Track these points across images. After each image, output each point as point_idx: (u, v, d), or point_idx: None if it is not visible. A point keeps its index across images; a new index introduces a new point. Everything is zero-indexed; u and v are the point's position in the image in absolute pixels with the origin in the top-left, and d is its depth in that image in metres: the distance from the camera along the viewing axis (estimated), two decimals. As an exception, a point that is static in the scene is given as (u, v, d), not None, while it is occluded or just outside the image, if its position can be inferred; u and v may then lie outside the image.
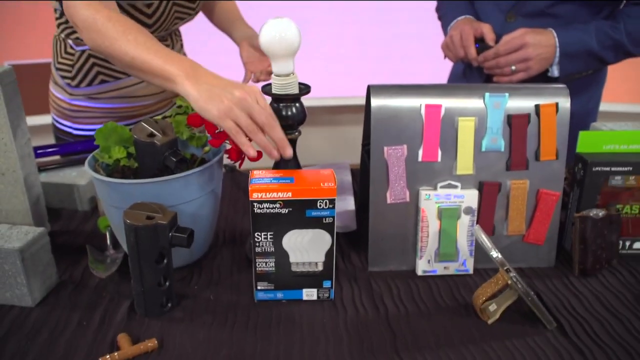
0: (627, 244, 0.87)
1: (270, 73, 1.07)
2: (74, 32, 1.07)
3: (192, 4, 1.11)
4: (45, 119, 1.39)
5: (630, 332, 0.70)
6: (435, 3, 1.40)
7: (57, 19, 1.10)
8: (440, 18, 1.38)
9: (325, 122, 2.41)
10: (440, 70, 1.48)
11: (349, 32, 2.34)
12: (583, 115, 1.22)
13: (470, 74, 1.30)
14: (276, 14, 0.73)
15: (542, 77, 1.14)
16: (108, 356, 0.63)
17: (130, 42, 0.75)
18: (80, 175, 1.01)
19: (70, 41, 1.10)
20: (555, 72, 1.12)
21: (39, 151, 1.05)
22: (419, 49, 1.44)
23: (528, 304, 0.70)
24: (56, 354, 0.65)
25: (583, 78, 1.20)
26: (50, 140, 1.21)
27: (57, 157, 1.05)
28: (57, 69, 1.14)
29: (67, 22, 1.08)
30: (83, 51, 1.09)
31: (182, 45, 1.24)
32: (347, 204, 0.98)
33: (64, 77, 1.12)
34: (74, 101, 1.12)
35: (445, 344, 0.68)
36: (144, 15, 1.02)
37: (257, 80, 1.15)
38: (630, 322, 0.72)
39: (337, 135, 2.38)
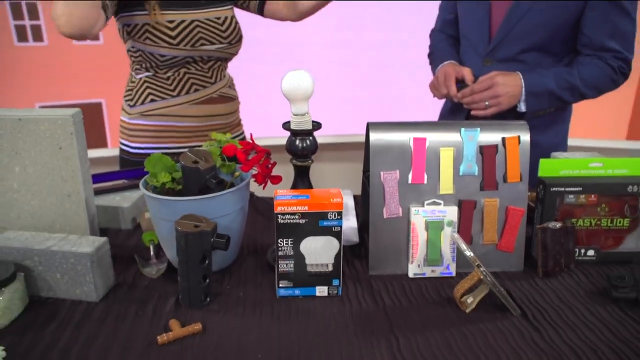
0: (582, 251, 1.05)
1: None
2: (134, 62, 1.33)
3: (221, 27, 1.34)
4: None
5: (578, 317, 0.87)
6: (426, 48, 1.62)
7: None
8: (430, 63, 1.60)
9: (332, 158, 2.63)
10: (434, 107, 1.68)
11: (355, 75, 2.57)
12: (552, 147, 1.41)
13: (456, 110, 1.50)
14: (289, 57, 0.93)
15: (513, 112, 1.34)
16: (165, 335, 0.80)
17: None
18: (124, 199, 1.19)
19: (133, 72, 1.37)
20: (522, 107, 1.32)
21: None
22: (413, 88, 1.64)
23: (496, 294, 0.87)
24: (121, 336, 0.82)
25: (549, 115, 1.40)
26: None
27: (103, 184, 1.23)
28: (124, 97, 1.41)
29: (130, 56, 1.32)
30: (140, 78, 1.36)
31: (228, 84, 1.46)
32: (350, 222, 1.15)
33: (126, 101, 1.40)
34: (132, 120, 1.37)
35: (432, 328, 0.85)
36: (168, 29, 1.26)
37: None
38: (579, 310, 0.89)
39: (341, 169, 2.59)
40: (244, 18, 1.49)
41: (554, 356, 0.78)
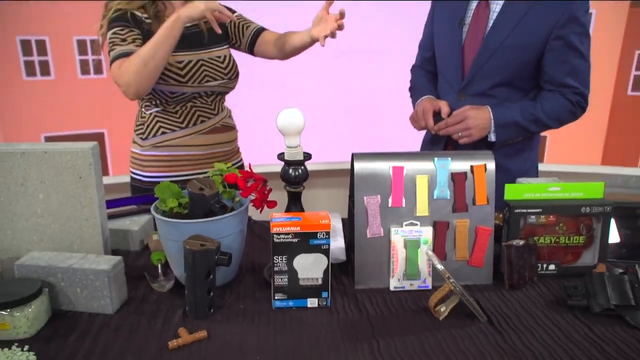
0: (544, 266, 1.18)
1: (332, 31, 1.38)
2: (144, 100, 1.49)
3: (222, 65, 1.50)
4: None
5: (537, 322, 1.00)
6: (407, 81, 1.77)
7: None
8: (411, 96, 1.75)
9: (324, 184, 2.77)
10: (419, 136, 1.81)
11: (346, 105, 2.72)
12: (522, 173, 1.53)
13: (435, 140, 1.63)
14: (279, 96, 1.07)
15: (484, 142, 1.48)
16: (175, 341, 0.92)
17: (146, 45, 1.29)
18: (133, 223, 1.31)
19: (143, 109, 1.51)
20: (492, 137, 1.47)
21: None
22: (399, 118, 1.77)
23: (466, 303, 0.99)
24: (135, 344, 0.93)
25: (517, 143, 1.54)
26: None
27: (114, 209, 1.35)
28: (135, 131, 1.55)
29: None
30: (150, 113, 1.51)
31: (228, 115, 1.62)
32: (338, 242, 1.27)
33: (138, 134, 1.53)
34: (145, 152, 1.51)
35: (409, 333, 0.97)
36: (178, 69, 1.42)
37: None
38: (538, 317, 1.01)
39: (332, 194, 2.72)
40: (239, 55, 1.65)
41: (514, 356, 0.90)
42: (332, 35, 1.37)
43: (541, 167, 2.94)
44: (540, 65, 1.48)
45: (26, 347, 0.90)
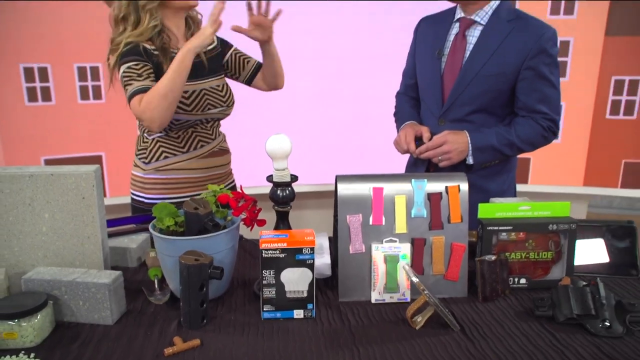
0: (516, 279, 1.26)
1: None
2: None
3: (221, 93, 1.61)
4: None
5: (505, 331, 1.08)
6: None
7: (138, 122, 1.61)
8: (395, 121, 1.85)
9: (313, 205, 2.85)
10: (402, 160, 1.90)
11: (335, 128, 2.83)
12: (500, 193, 1.63)
13: (418, 162, 1.73)
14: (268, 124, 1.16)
15: (463, 164, 1.57)
16: (170, 348, 0.99)
17: (162, 80, 1.40)
18: (131, 241, 1.39)
19: (145, 134, 1.59)
20: (470, 160, 1.56)
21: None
22: (386, 141, 1.86)
23: (440, 313, 1.07)
24: (134, 352, 1.01)
25: (495, 166, 1.63)
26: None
27: (114, 228, 1.43)
28: (137, 155, 1.63)
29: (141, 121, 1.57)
30: (153, 138, 1.59)
31: (223, 139, 1.72)
32: (324, 259, 1.35)
33: (141, 159, 1.61)
34: (147, 175, 1.59)
35: (388, 342, 1.05)
36: (184, 98, 1.52)
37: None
38: (507, 326, 1.10)
39: (320, 214, 2.80)
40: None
41: (479, 356, 0.98)
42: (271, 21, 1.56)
43: (525, 188, 3.06)
44: (514, 93, 1.58)
45: (32, 355, 0.98)
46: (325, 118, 2.84)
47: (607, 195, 4.21)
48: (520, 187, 3.03)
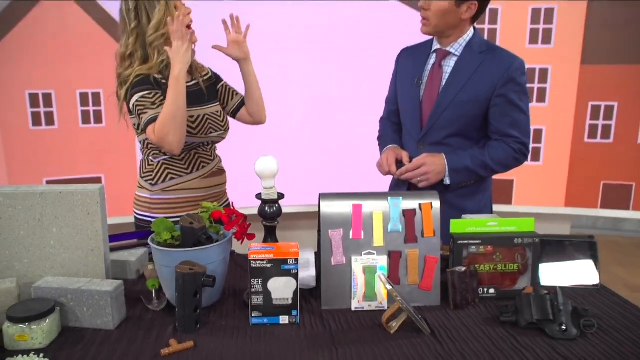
0: (485, 289, 1.37)
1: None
2: (151, 150, 1.69)
3: (220, 118, 1.75)
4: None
5: (472, 334, 1.19)
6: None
7: (142, 147, 1.73)
8: (379, 145, 1.97)
9: (305, 226, 2.97)
10: (386, 180, 2.02)
11: (326, 150, 2.96)
12: (476, 211, 1.74)
13: (400, 183, 1.85)
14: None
15: (441, 184, 1.69)
16: (166, 349, 1.10)
17: (166, 105, 1.53)
18: (130, 255, 1.50)
19: (150, 157, 1.70)
20: (447, 181, 1.68)
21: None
22: (370, 165, 1.98)
23: (412, 318, 1.18)
24: (133, 353, 1.11)
25: (471, 186, 1.75)
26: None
27: (114, 243, 1.54)
28: (143, 178, 1.73)
29: (146, 145, 1.69)
30: (158, 161, 1.70)
31: (220, 161, 1.85)
32: (310, 272, 1.46)
33: (147, 181, 1.71)
34: (154, 196, 1.70)
35: (364, 344, 1.15)
36: (190, 122, 1.64)
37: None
38: (474, 330, 1.20)
39: (306, 232, 2.92)
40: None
41: (446, 355, 1.09)
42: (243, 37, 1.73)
43: (509, 208, 3.18)
44: (487, 119, 1.71)
45: (41, 355, 1.08)
46: (315, 141, 2.97)
47: (592, 216, 4.34)
48: (504, 208, 3.16)
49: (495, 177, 3.14)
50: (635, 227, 4.44)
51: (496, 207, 2.02)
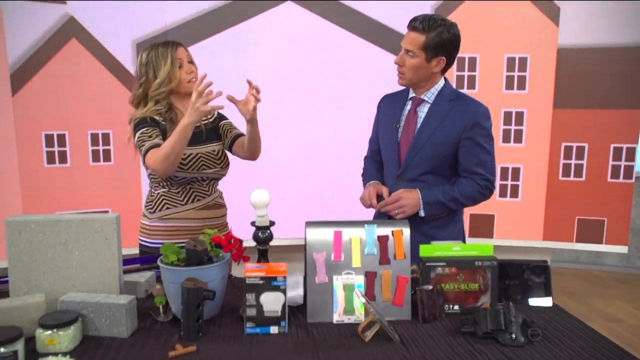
0: (450, 306, 1.57)
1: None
2: (153, 182, 1.91)
3: (216, 157, 1.95)
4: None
5: (435, 342, 1.38)
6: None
7: (148, 179, 1.95)
8: (362, 181, 2.20)
9: (293, 255, 3.16)
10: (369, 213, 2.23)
11: (316, 184, 3.18)
12: (450, 240, 1.95)
13: (381, 215, 2.06)
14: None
15: (416, 216, 1.91)
16: (173, 352, 1.29)
17: (167, 143, 1.71)
18: (140, 276, 1.70)
19: (152, 189, 1.93)
20: (422, 213, 1.90)
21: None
22: (355, 198, 2.21)
23: (383, 327, 1.38)
24: (145, 355, 1.30)
25: (444, 217, 1.97)
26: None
27: (125, 266, 1.74)
28: (145, 207, 1.96)
29: (150, 178, 1.91)
30: (158, 192, 1.93)
31: (219, 195, 2.04)
32: (298, 291, 1.66)
33: (147, 209, 1.95)
34: (152, 223, 1.91)
35: (342, 349, 1.34)
36: (182, 160, 1.84)
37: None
38: (438, 339, 1.40)
39: (296, 260, 3.11)
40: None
41: (411, 359, 1.29)
42: (257, 101, 1.87)
43: (491, 242, 3.38)
44: (457, 158, 1.94)
45: (68, 356, 1.27)
46: (304, 177, 3.20)
47: (574, 251, 4.55)
48: (485, 241, 3.36)
49: (477, 212, 3.40)
50: (616, 261, 4.63)
51: (478, 240, 2.22)
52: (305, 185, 3.21)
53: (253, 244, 1.58)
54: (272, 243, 1.57)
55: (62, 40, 2.84)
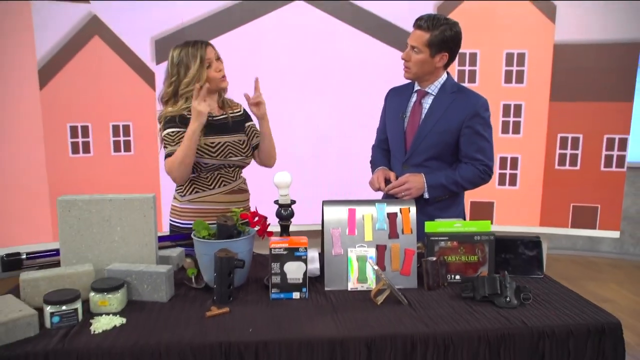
0: (452, 276, 1.75)
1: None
2: None
3: (242, 146, 2.12)
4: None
5: (439, 305, 1.56)
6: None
7: None
8: (371, 167, 2.37)
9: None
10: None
11: (333, 169, 3.36)
12: (451, 221, 2.13)
13: (388, 197, 2.23)
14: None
15: (421, 198, 2.08)
16: (209, 312, 1.47)
17: (179, 150, 1.88)
18: (172, 252, 1.88)
19: None
20: (426, 195, 2.08)
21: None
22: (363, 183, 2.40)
23: (393, 292, 1.56)
24: (185, 315, 1.48)
25: (446, 200, 2.15)
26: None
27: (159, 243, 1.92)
28: (176, 190, 2.13)
29: None
30: (188, 178, 2.08)
31: (243, 182, 2.22)
32: (315, 265, 1.83)
33: (179, 192, 2.12)
34: (182, 205, 2.08)
35: (357, 309, 1.52)
36: (211, 147, 2.02)
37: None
38: (440, 302, 1.58)
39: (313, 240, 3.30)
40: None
41: (418, 318, 1.46)
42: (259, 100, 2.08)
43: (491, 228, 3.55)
44: (458, 145, 2.12)
45: (118, 315, 1.45)
46: (319, 165, 3.39)
47: (570, 237, 4.72)
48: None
49: (477, 199, 3.57)
50: (610, 248, 4.81)
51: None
52: (317, 174, 3.40)
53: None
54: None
55: (86, 38, 3.02)
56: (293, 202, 1.69)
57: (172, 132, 2.00)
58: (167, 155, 2.00)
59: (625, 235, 4.72)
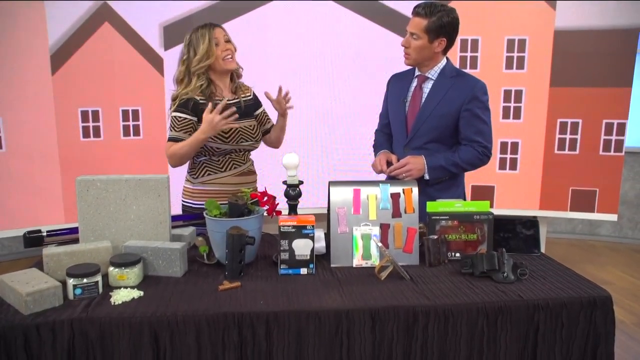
0: (452, 253, 1.83)
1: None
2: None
3: (252, 132, 2.21)
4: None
5: (439, 280, 1.64)
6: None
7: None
8: (374, 150, 2.45)
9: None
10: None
11: (333, 153, 3.44)
12: (451, 202, 2.21)
13: (390, 179, 2.31)
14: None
15: (422, 180, 2.16)
16: (222, 286, 1.55)
17: (183, 146, 1.97)
18: (184, 231, 1.96)
19: (195, 157, 2.18)
20: (427, 176, 2.15)
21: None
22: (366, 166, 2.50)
23: (396, 268, 1.64)
24: (199, 289, 1.57)
25: (446, 181, 2.22)
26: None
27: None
28: (188, 172, 2.23)
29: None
30: (200, 160, 2.18)
31: (252, 164, 2.31)
32: (321, 243, 1.91)
33: (191, 175, 2.21)
34: (194, 186, 2.17)
35: (361, 285, 1.61)
36: (224, 132, 2.09)
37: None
38: (441, 278, 1.66)
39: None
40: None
41: (420, 292, 1.55)
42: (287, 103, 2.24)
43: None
44: (457, 128, 2.19)
45: (135, 289, 1.54)
46: (324, 149, 3.46)
47: (570, 221, 4.80)
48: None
49: (478, 183, 3.65)
50: (609, 231, 4.90)
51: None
52: (322, 157, 3.47)
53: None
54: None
55: (96, 24, 3.08)
56: (301, 182, 1.77)
57: (180, 117, 2.08)
58: (169, 140, 2.09)
59: (623, 219, 4.80)
